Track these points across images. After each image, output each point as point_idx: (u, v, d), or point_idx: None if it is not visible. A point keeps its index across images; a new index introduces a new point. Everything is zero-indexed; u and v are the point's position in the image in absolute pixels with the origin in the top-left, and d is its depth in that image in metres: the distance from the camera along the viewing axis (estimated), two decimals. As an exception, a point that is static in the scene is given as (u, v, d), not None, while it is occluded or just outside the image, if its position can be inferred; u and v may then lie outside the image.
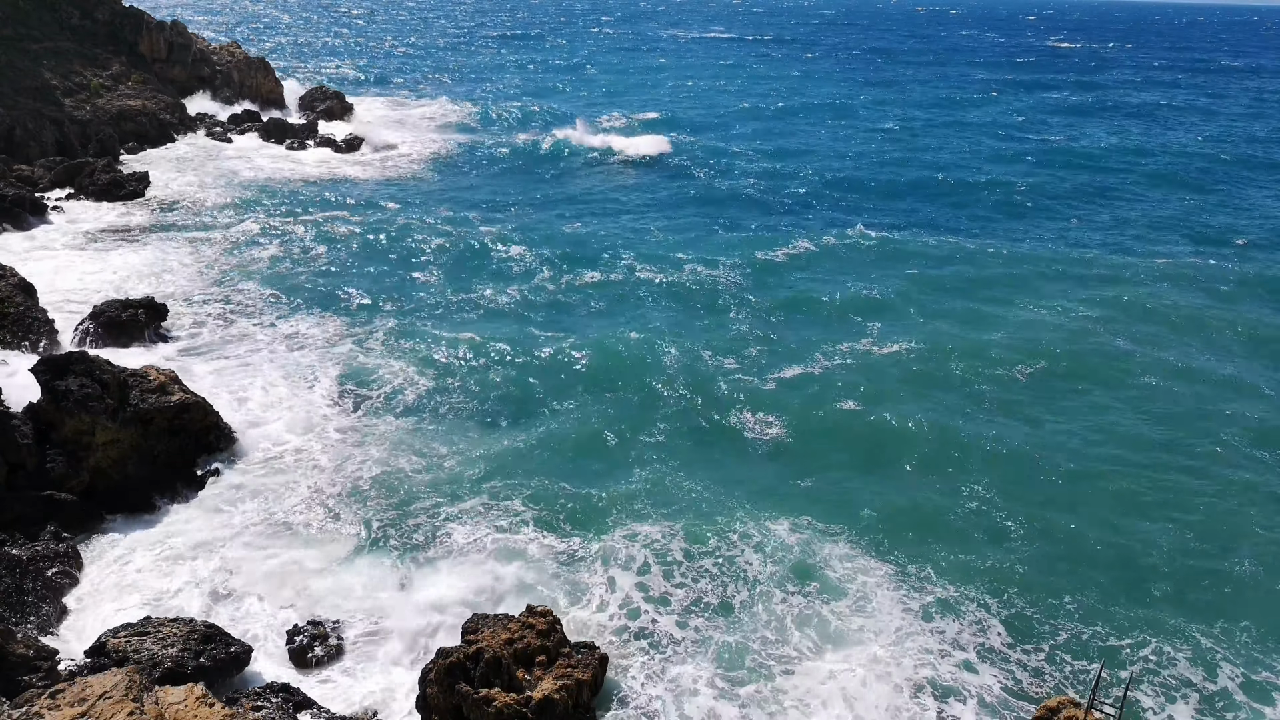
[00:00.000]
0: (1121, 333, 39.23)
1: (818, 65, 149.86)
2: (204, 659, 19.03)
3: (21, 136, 56.62)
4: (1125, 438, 30.66)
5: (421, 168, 66.26)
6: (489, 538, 24.18)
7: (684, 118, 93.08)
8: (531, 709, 17.69)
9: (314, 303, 39.57)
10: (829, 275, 45.71)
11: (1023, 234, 55.08)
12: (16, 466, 24.09)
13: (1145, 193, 66.46)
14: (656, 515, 25.39)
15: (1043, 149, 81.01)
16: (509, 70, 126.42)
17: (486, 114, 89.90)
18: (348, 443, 28.50)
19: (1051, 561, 24.20)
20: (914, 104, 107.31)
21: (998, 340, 37.88)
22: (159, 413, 26.18)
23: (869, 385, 33.37)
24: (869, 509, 25.88)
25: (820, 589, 22.57)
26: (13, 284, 34.48)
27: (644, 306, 40.82)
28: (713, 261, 46.36)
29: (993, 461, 28.81)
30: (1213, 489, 27.92)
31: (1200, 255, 51.03)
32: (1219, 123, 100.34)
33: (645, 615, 21.66)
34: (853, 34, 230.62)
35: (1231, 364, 36.62)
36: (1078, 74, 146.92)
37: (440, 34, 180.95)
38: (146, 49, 74.24)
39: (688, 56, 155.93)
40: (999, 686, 20.04)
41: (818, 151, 77.73)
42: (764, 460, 28.91)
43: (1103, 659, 19.60)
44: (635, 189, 63.62)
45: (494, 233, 51.23)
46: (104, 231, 47.24)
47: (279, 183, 60.59)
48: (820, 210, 59.26)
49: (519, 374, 33.74)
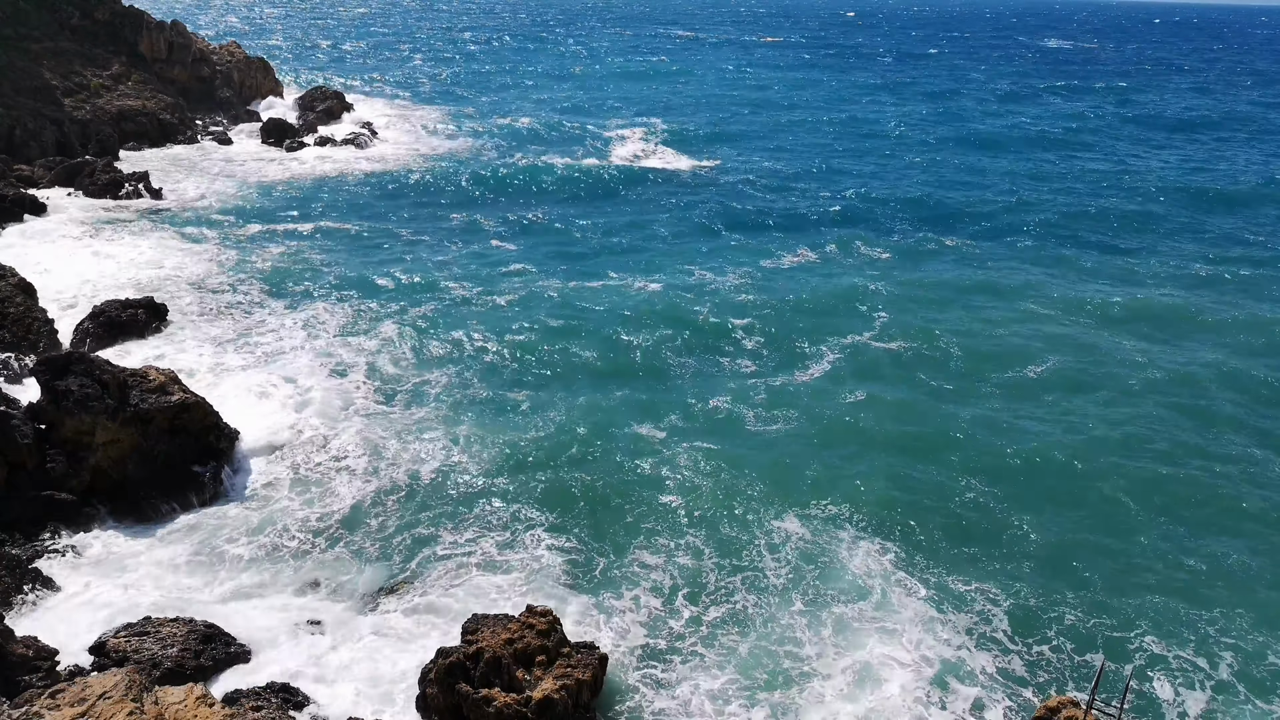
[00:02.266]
0: (1129, 334, 39.21)
1: (825, 69, 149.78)
2: (204, 659, 19.03)
3: (21, 136, 56.64)
4: (1127, 438, 30.63)
5: (422, 169, 66.21)
6: (491, 536, 24.20)
7: (686, 119, 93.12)
8: (531, 709, 17.66)
9: (314, 303, 39.51)
10: (842, 278, 45.64)
11: (1040, 246, 53.54)
12: (16, 466, 24.08)
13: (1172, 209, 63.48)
14: (658, 514, 25.40)
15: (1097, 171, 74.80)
16: (511, 72, 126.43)
17: (488, 115, 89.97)
18: (349, 439, 28.46)
19: (1053, 559, 24.19)
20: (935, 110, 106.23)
21: (1005, 339, 37.91)
22: (159, 412, 26.15)
23: (873, 384, 33.40)
24: (872, 507, 25.88)
25: (822, 586, 22.56)
26: (13, 284, 34.46)
27: (650, 307, 40.60)
28: (720, 269, 46.23)
29: (995, 461, 28.81)
30: (1213, 489, 27.93)
31: (1212, 263, 50.39)
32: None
33: (645, 615, 21.64)
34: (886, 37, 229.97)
35: (1232, 363, 36.59)
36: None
37: (441, 35, 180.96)
38: (146, 49, 74.25)
39: (694, 59, 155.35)
40: (999, 685, 20.02)
41: (840, 164, 75.48)
42: (767, 459, 28.83)
43: (1104, 657, 19.59)
44: (636, 190, 63.56)
45: (496, 234, 51.25)
46: (104, 231, 47.22)
47: (279, 182, 60.59)
48: (829, 218, 58.97)
49: (524, 371, 33.72)
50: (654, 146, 77.50)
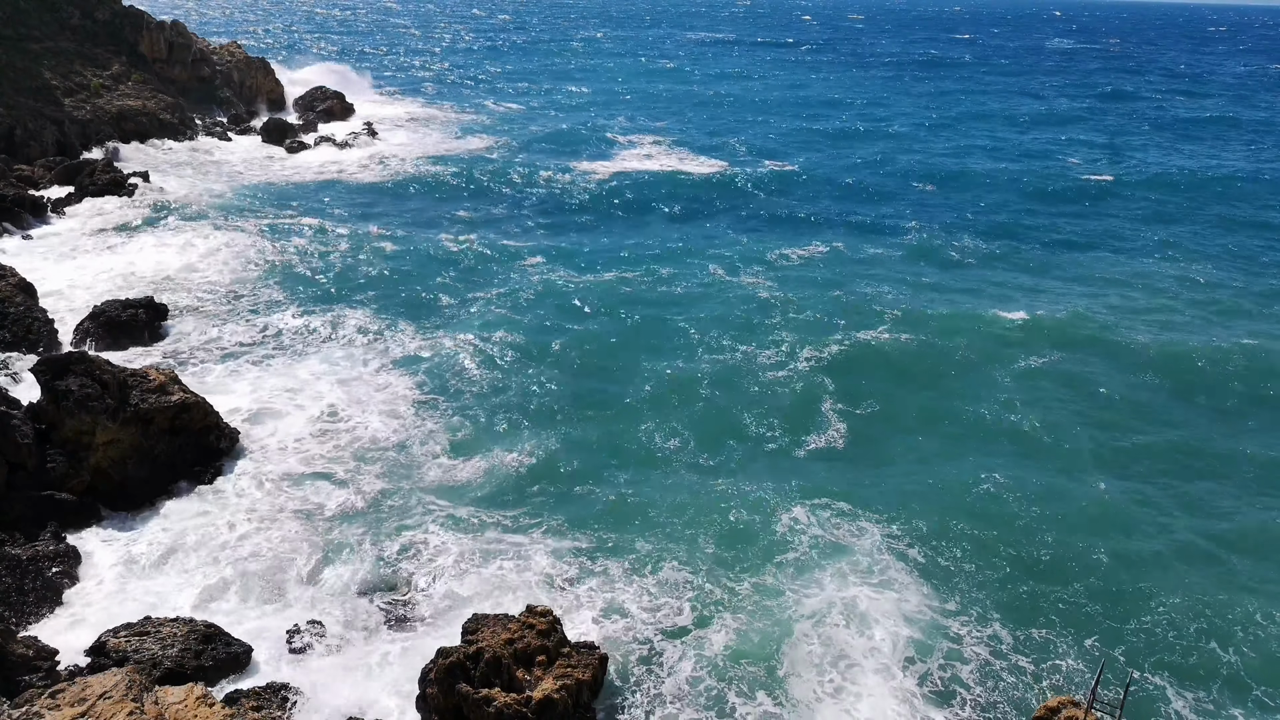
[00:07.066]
0: (1141, 331, 39.14)
1: (831, 67, 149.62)
2: (204, 659, 19.03)
3: (22, 136, 56.63)
4: (1129, 439, 30.63)
5: (423, 169, 66.15)
6: (491, 536, 24.20)
7: (688, 121, 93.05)
8: (531, 709, 17.66)
9: (314, 303, 39.50)
10: (855, 276, 45.61)
11: (1068, 242, 53.82)
12: (16, 466, 24.08)
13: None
14: (660, 516, 25.40)
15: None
16: (514, 73, 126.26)
17: (489, 115, 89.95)
18: (349, 439, 28.48)
19: (1053, 560, 24.18)
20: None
21: (1013, 339, 37.90)
22: (159, 412, 26.15)
23: (876, 385, 33.39)
24: (874, 507, 25.86)
25: (823, 586, 22.54)
26: (13, 284, 34.49)
27: (658, 310, 40.47)
28: (734, 267, 46.20)
29: (996, 461, 28.82)
30: (1214, 489, 27.95)
31: (1228, 266, 50.07)
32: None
33: (646, 615, 21.63)
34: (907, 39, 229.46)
35: (1237, 355, 36.58)
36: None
37: (442, 36, 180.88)
38: (147, 49, 74.22)
39: (699, 60, 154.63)
40: (1000, 685, 20.02)
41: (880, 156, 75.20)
42: (772, 459, 28.85)
43: (1104, 657, 19.59)
44: (639, 191, 63.50)
45: (498, 235, 51.21)
46: (104, 231, 47.20)
47: (279, 182, 60.57)
48: (839, 215, 58.95)
49: (524, 372, 33.67)
50: (663, 148, 77.20)
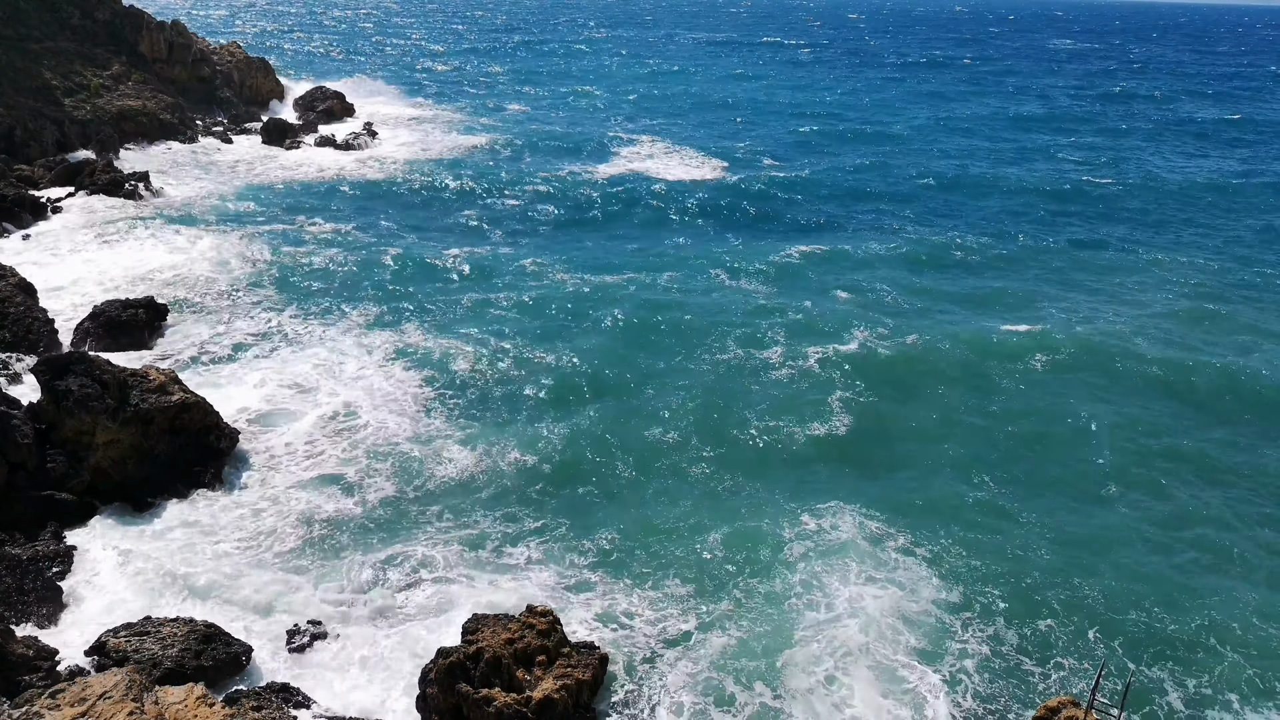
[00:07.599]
0: (1145, 336, 39.02)
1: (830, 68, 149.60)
2: (204, 659, 19.03)
3: (22, 136, 56.60)
4: (1132, 443, 30.59)
5: (423, 170, 66.12)
6: (492, 536, 24.20)
7: (690, 121, 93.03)
8: (531, 709, 17.67)
9: (315, 303, 39.47)
10: (862, 279, 45.57)
11: (1070, 243, 53.71)
12: (16, 466, 24.08)
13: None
14: (661, 517, 25.42)
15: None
16: (515, 74, 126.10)
17: (490, 117, 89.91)
18: (351, 440, 28.45)
19: (1054, 560, 24.18)
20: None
21: (1016, 344, 37.78)
22: (159, 412, 26.14)
23: (880, 388, 33.37)
24: (875, 508, 25.85)
25: (824, 587, 22.53)
26: (13, 284, 34.48)
27: (659, 312, 40.36)
28: (736, 269, 46.16)
29: (995, 461, 28.83)
30: (1215, 489, 27.95)
31: (1234, 272, 49.65)
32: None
33: (646, 615, 21.64)
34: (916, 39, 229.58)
35: (1231, 359, 36.61)
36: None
37: (443, 37, 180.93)
38: (147, 49, 74.19)
39: (701, 61, 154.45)
40: (1000, 685, 20.01)
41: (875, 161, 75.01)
42: (775, 459, 28.86)
43: (1104, 657, 19.59)
44: (641, 191, 63.50)
45: (499, 236, 51.21)
46: (104, 231, 47.16)
47: (279, 182, 60.55)
48: (841, 217, 58.96)
49: (525, 373, 33.65)
50: (664, 148, 77.04)
